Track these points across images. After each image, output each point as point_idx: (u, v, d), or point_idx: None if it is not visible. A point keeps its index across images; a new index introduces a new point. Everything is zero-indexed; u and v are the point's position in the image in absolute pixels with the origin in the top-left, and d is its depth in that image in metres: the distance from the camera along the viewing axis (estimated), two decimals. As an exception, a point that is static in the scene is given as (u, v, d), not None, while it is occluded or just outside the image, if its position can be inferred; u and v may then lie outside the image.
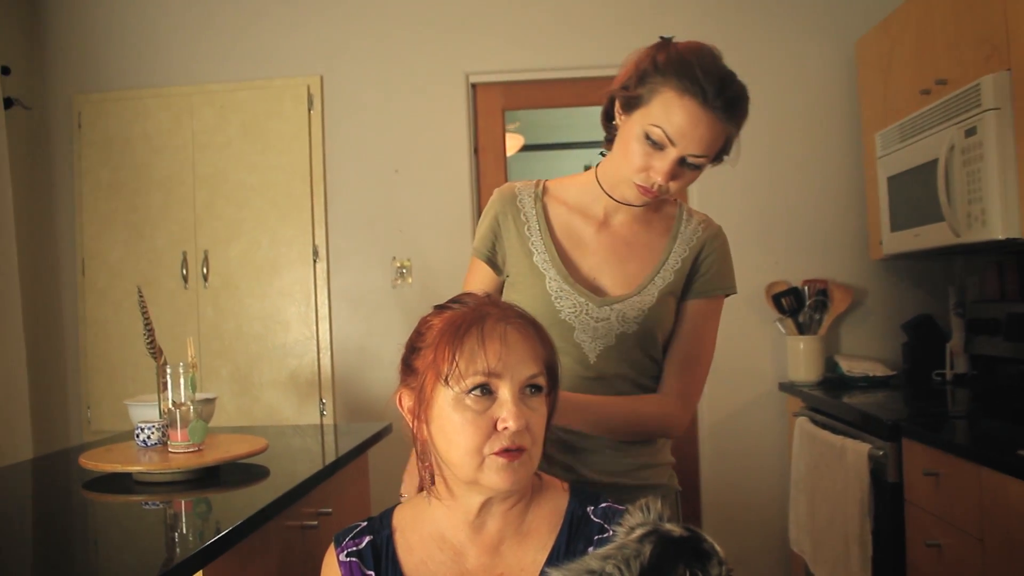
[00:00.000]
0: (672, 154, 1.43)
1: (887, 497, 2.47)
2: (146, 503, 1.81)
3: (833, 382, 3.46)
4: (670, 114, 1.41)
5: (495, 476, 1.14)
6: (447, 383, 1.16)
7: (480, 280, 1.68)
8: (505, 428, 1.14)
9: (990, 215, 2.46)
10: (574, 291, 1.56)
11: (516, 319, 1.21)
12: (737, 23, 3.59)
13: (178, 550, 1.44)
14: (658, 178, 1.45)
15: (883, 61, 3.26)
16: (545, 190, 1.66)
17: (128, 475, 1.98)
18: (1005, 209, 2.43)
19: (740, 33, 3.59)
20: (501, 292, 1.68)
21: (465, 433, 1.15)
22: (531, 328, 1.22)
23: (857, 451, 2.56)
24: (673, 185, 1.47)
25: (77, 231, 3.79)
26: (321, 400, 3.72)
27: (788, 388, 3.52)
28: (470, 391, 1.15)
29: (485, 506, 1.21)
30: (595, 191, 1.61)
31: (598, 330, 1.55)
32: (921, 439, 2.32)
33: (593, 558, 1.08)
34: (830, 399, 3.05)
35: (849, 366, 3.46)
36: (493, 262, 1.66)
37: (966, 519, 2.08)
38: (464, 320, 1.19)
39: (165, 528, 1.67)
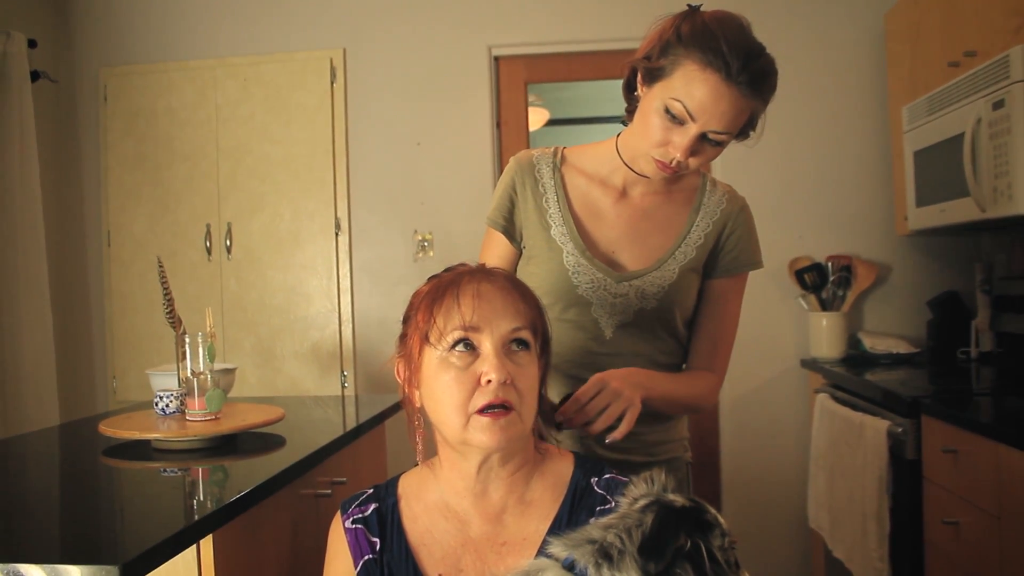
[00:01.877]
0: (692, 130, 1.37)
1: (905, 474, 2.45)
2: (164, 470, 1.83)
3: (856, 359, 3.43)
4: (691, 88, 1.35)
5: (481, 435, 1.15)
6: (429, 342, 1.18)
7: (496, 252, 1.64)
8: (488, 381, 1.15)
9: (1017, 190, 2.41)
10: (592, 266, 1.54)
11: (497, 277, 1.23)
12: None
13: (193, 516, 1.46)
14: (677, 154, 1.40)
15: (911, 33, 3.19)
16: (563, 159, 1.61)
17: (147, 442, 2.01)
18: (1032, 184, 2.38)
19: (768, 8, 3.54)
20: (517, 264, 1.65)
21: (450, 390, 1.16)
22: (510, 284, 1.23)
23: (876, 428, 2.53)
24: (693, 161, 1.42)
25: (103, 204, 3.83)
26: (342, 372, 3.74)
27: (810, 365, 3.49)
28: (452, 347, 1.16)
29: (483, 470, 1.22)
30: (614, 161, 1.57)
31: (616, 306, 1.53)
32: (940, 416, 2.30)
33: (595, 527, 1.08)
34: (852, 376, 3.03)
35: (872, 343, 3.42)
36: (510, 232, 1.62)
37: (984, 497, 2.06)
38: (444, 282, 1.22)
39: (179, 494, 1.69)
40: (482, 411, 1.15)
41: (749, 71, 1.33)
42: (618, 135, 1.59)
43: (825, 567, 3.20)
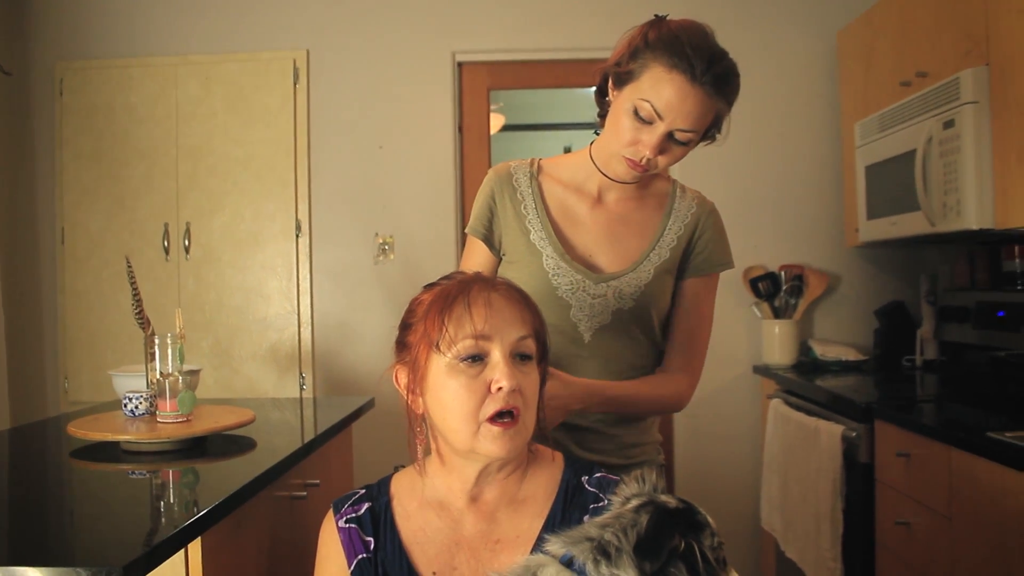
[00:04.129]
0: (660, 128, 1.45)
1: (858, 477, 2.54)
2: (132, 472, 1.82)
3: (807, 366, 3.54)
4: (659, 89, 1.44)
5: (491, 444, 1.18)
6: (439, 350, 1.20)
7: (476, 259, 1.69)
8: (499, 389, 1.18)
9: (965, 206, 2.53)
10: (571, 268, 1.59)
11: (502, 287, 1.26)
12: (720, 11, 3.62)
13: (163, 520, 1.47)
14: (646, 152, 1.47)
15: (864, 52, 3.31)
16: (540, 168, 1.68)
17: (115, 444, 1.99)
18: (980, 200, 2.50)
19: (723, 21, 3.55)
20: (496, 272, 1.69)
21: (460, 397, 1.19)
22: (517, 294, 1.27)
23: (831, 432, 2.63)
24: (661, 160, 1.50)
25: (57, 200, 3.76)
26: (301, 374, 3.74)
27: (763, 371, 3.59)
28: (463, 359, 1.19)
29: (482, 475, 1.25)
30: (589, 168, 1.63)
31: (595, 307, 1.59)
32: (894, 421, 2.39)
33: (591, 526, 1.12)
34: (804, 382, 3.12)
35: (822, 350, 3.54)
36: (489, 240, 1.67)
37: (935, 498, 2.16)
38: (451, 290, 1.23)
39: (155, 497, 1.69)
40: (492, 420, 1.18)
41: (712, 72, 1.43)
42: (591, 144, 1.65)
43: (776, 567, 3.29)
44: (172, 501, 1.64)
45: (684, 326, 1.66)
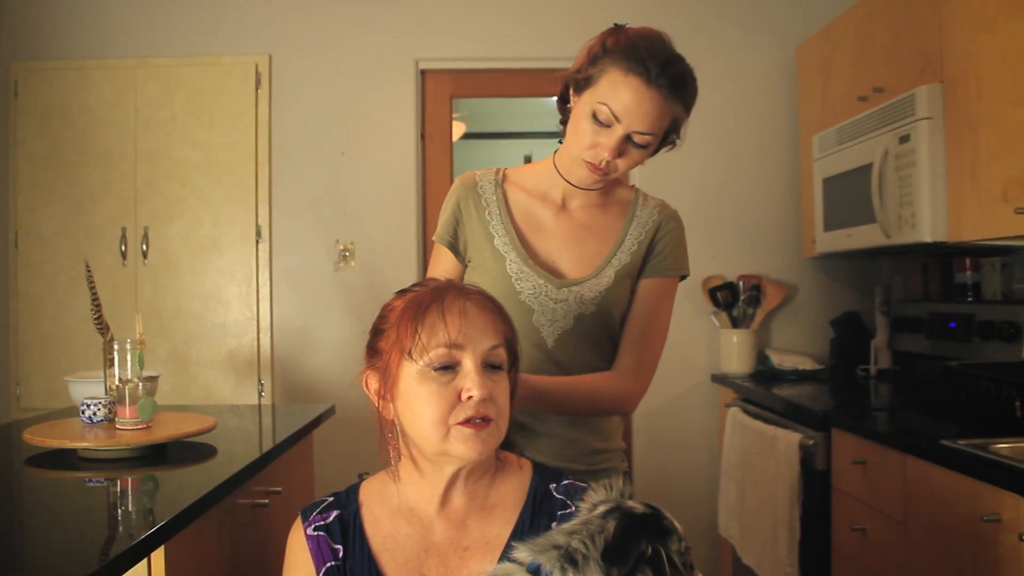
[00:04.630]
0: (618, 131, 1.49)
1: (816, 484, 2.59)
2: (89, 480, 1.80)
3: (764, 375, 3.59)
4: (616, 92, 1.48)
5: (462, 446, 1.19)
6: (411, 357, 1.20)
7: (443, 266, 1.71)
8: (469, 397, 1.18)
9: (920, 219, 2.59)
10: (534, 273, 1.62)
11: (476, 295, 1.26)
12: (681, 24, 3.66)
13: (125, 529, 1.45)
14: (605, 154, 1.51)
15: (822, 67, 3.38)
16: (505, 177, 1.71)
17: (72, 451, 1.96)
18: (934, 214, 2.57)
19: (684, 34, 3.58)
20: (463, 279, 1.71)
21: (431, 404, 1.19)
22: (490, 303, 1.27)
23: (788, 440, 2.67)
24: (621, 163, 1.54)
25: (11, 203, 3.68)
26: (260, 381, 3.70)
27: (720, 380, 3.63)
28: (435, 368, 1.19)
29: (452, 481, 1.25)
30: (553, 176, 1.66)
31: (557, 312, 1.61)
32: (850, 429, 2.44)
33: (559, 533, 1.13)
34: (761, 391, 3.17)
35: (779, 359, 3.59)
36: (455, 248, 1.70)
37: (890, 504, 2.21)
38: (425, 297, 1.24)
39: (116, 506, 1.66)
40: (463, 422, 1.18)
41: (668, 75, 1.48)
42: (555, 152, 1.69)
43: (733, 573, 3.33)
44: (133, 510, 1.62)
45: (637, 325, 1.66)
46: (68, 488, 1.79)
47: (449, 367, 1.20)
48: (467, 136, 5.54)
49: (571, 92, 1.58)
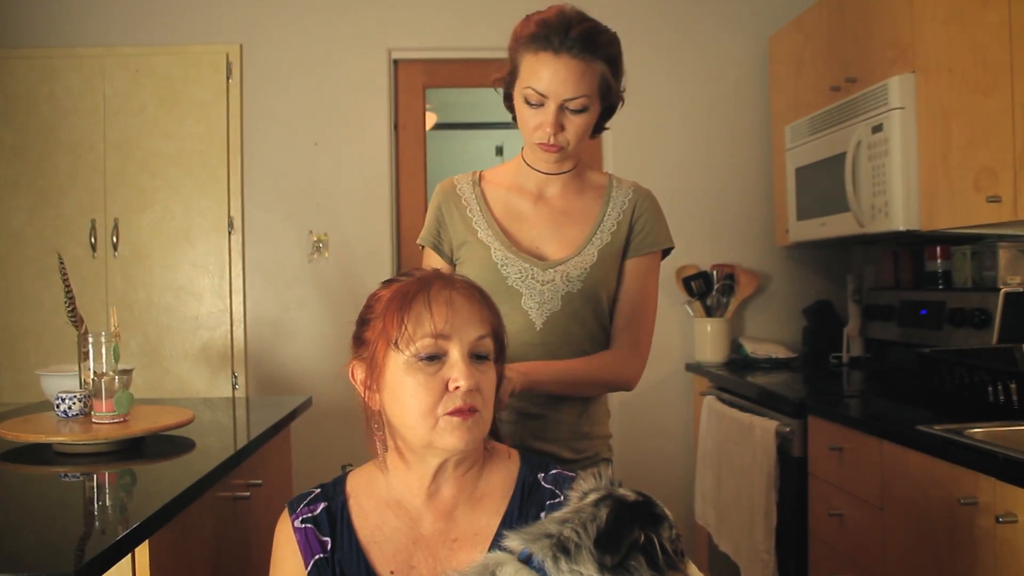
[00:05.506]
0: (550, 106, 1.57)
1: (792, 471, 2.61)
2: (65, 475, 1.77)
3: (738, 363, 3.62)
4: (534, 72, 1.57)
5: (449, 436, 1.19)
6: (397, 347, 1.20)
7: (433, 266, 1.74)
8: (456, 388, 1.18)
9: (893, 207, 2.62)
10: (519, 258, 1.67)
11: (462, 285, 1.26)
12: (653, 16, 3.67)
13: (111, 524, 1.43)
14: (548, 130, 1.58)
15: (795, 57, 3.40)
16: (481, 178, 1.79)
17: (47, 446, 1.93)
18: (907, 202, 2.60)
19: (656, 25, 3.68)
20: None
21: (418, 395, 1.19)
22: (477, 293, 1.27)
23: (765, 428, 2.69)
24: (569, 133, 1.60)
25: (-25, 194, 3.62)
26: (233, 373, 3.67)
27: (695, 368, 3.66)
28: (421, 358, 1.19)
29: (440, 472, 1.25)
30: (524, 169, 1.74)
31: (544, 294, 1.65)
32: (827, 416, 2.47)
33: (550, 522, 1.13)
34: (737, 379, 3.20)
35: (753, 348, 3.62)
36: (439, 249, 1.76)
37: (867, 490, 2.23)
38: (411, 287, 1.23)
39: (97, 501, 1.64)
40: (450, 413, 1.18)
41: (572, 38, 1.54)
42: (523, 148, 1.75)
43: (709, 560, 3.36)
44: (115, 505, 1.60)
45: (628, 304, 1.73)
46: (46, 484, 1.76)
47: (436, 357, 1.19)
48: (438, 127, 5.52)
49: (509, 91, 1.67)
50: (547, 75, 1.55)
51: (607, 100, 1.64)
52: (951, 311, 2.80)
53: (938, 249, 2.99)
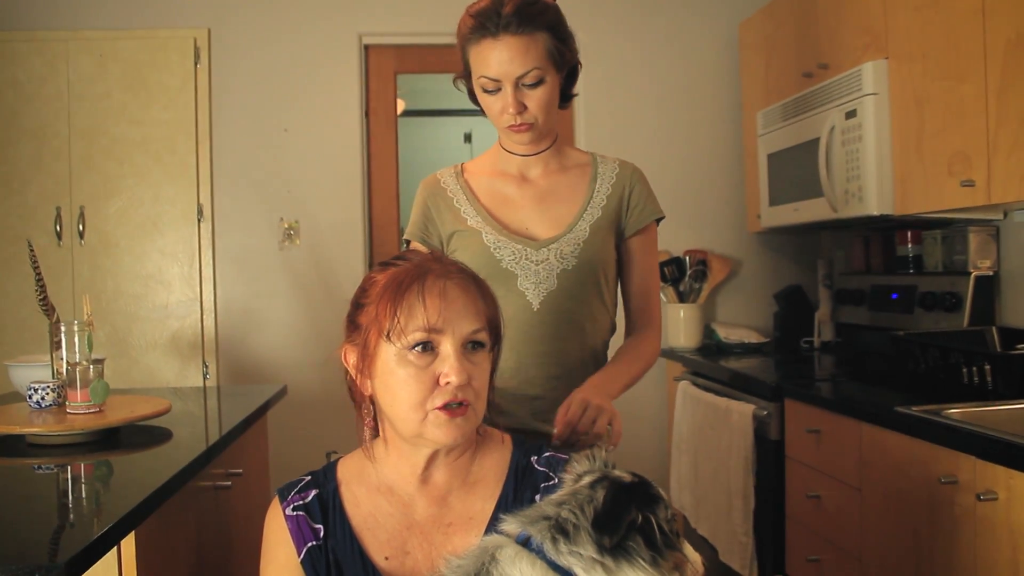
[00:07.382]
0: (507, 88, 1.60)
1: (769, 454, 2.64)
2: (39, 467, 1.74)
3: (711, 348, 3.64)
4: (481, 61, 1.60)
5: (438, 431, 1.17)
6: (389, 339, 1.18)
7: None
8: (448, 383, 1.17)
9: (867, 192, 2.65)
10: (511, 240, 1.67)
11: (457, 275, 1.24)
12: (624, 3, 3.66)
13: (85, 516, 1.40)
14: (511, 110, 1.61)
15: (766, 43, 3.42)
16: (464, 169, 1.80)
17: (20, 438, 1.90)
18: (880, 187, 2.63)
19: (627, 12, 3.68)
20: None
21: (408, 388, 1.17)
22: (472, 283, 1.25)
23: (742, 412, 2.71)
24: (532, 109, 1.62)
25: (-64, 182, 3.52)
26: (204, 363, 3.62)
27: (668, 354, 3.67)
28: (412, 348, 1.17)
29: (432, 459, 1.24)
30: (503, 154, 1.76)
31: (539, 273, 1.66)
32: (804, 399, 2.49)
33: (547, 504, 1.13)
34: (711, 364, 3.22)
35: (726, 333, 3.65)
36: (428, 244, 1.76)
37: (845, 471, 2.26)
38: (406, 276, 1.21)
39: (76, 493, 1.61)
40: (441, 407, 1.17)
41: (506, 17, 1.57)
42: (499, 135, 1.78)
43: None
44: (97, 496, 1.57)
45: (640, 284, 1.77)
46: (21, 476, 1.73)
47: (428, 349, 1.18)
48: (407, 113, 5.48)
49: (469, 87, 1.70)
50: (494, 60, 1.58)
51: (562, 66, 1.65)
52: (922, 295, 2.84)
53: (909, 234, 3.02)
